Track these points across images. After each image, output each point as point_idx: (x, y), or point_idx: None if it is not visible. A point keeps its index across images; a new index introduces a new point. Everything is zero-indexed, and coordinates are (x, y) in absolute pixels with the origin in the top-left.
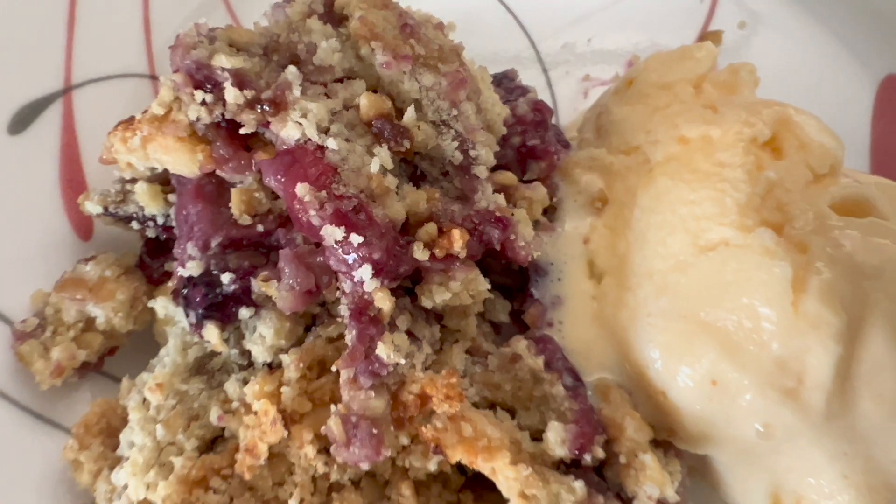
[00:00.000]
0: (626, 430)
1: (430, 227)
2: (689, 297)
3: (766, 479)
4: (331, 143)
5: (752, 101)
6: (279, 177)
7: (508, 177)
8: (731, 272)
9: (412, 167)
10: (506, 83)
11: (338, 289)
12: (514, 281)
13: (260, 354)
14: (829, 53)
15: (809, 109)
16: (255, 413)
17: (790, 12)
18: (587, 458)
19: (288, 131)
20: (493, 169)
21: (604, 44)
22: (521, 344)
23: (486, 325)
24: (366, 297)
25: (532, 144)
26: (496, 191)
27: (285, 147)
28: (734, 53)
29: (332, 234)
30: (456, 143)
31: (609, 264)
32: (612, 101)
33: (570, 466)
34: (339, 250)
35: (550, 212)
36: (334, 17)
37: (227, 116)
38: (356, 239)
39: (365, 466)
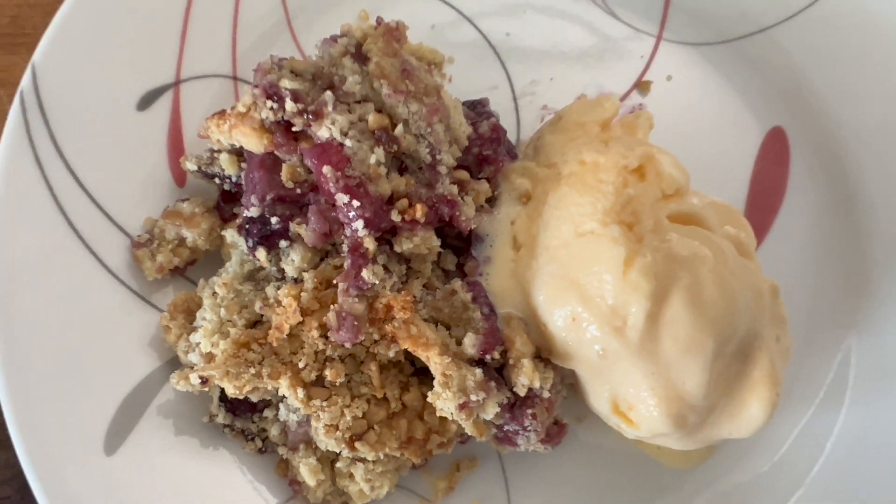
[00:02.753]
0: (516, 343)
1: (404, 202)
2: (566, 264)
3: (608, 388)
4: (347, 143)
5: (634, 141)
6: (313, 160)
7: (463, 174)
8: (592, 251)
9: (399, 162)
10: (478, 108)
11: (343, 234)
12: (462, 243)
13: (290, 272)
14: (729, 104)
15: (711, 148)
16: (283, 305)
17: (705, 70)
18: (488, 358)
19: (322, 132)
20: (456, 168)
21: (561, 83)
22: (458, 284)
23: (439, 271)
24: (359, 240)
25: (486, 154)
26: (453, 182)
27: (319, 142)
28: (660, 99)
29: (341, 198)
30: (428, 150)
31: (525, 240)
32: (546, 129)
33: (478, 363)
34: (345, 209)
35: (491, 201)
36: (361, 56)
37: (285, 118)
38: (355, 203)
39: (348, 345)
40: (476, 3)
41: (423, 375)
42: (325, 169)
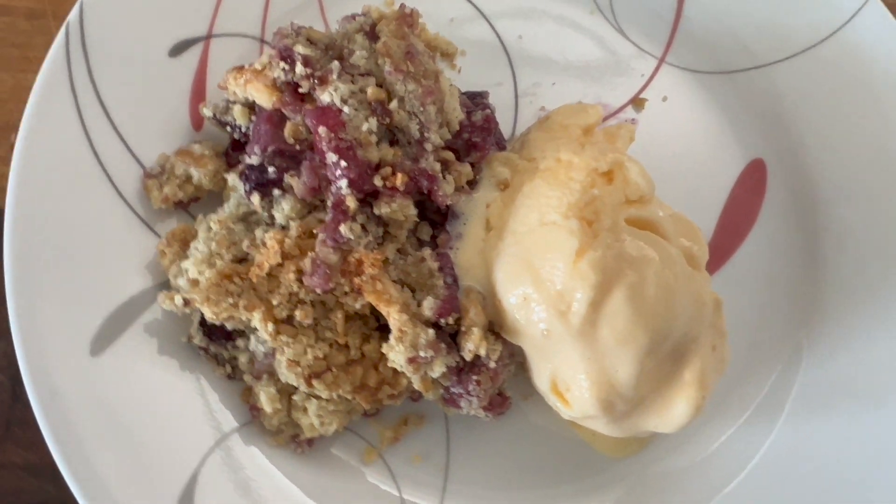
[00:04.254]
0: (470, 313)
1: (388, 170)
2: (527, 248)
3: (549, 367)
4: (346, 109)
5: (609, 148)
6: (313, 120)
7: (449, 155)
8: (550, 239)
9: (392, 134)
10: (477, 99)
11: (330, 191)
12: (440, 218)
13: (280, 219)
14: (717, 130)
15: (693, 169)
16: (267, 247)
17: (700, 95)
18: (443, 322)
19: (324, 96)
20: (444, 148)
21: (562, 89)
22: (428, 252)
23: (414, 239)
24: (342, 197)
25: (475, 141)
26: (438, 160)
27: (321, 105)
28: (653, 117)
29: (331, 157)
30: (418, 127)
31: (496, 223)
32: (534, 126)
33: (433, 326)
34: (333, 168)
35: (472, 183)
36: (373, 34)
37: (294, 80)
38: (343, 163)
39: (319, 291)
40: (496, 4)
41: (384, 331)
42: (321, 129)
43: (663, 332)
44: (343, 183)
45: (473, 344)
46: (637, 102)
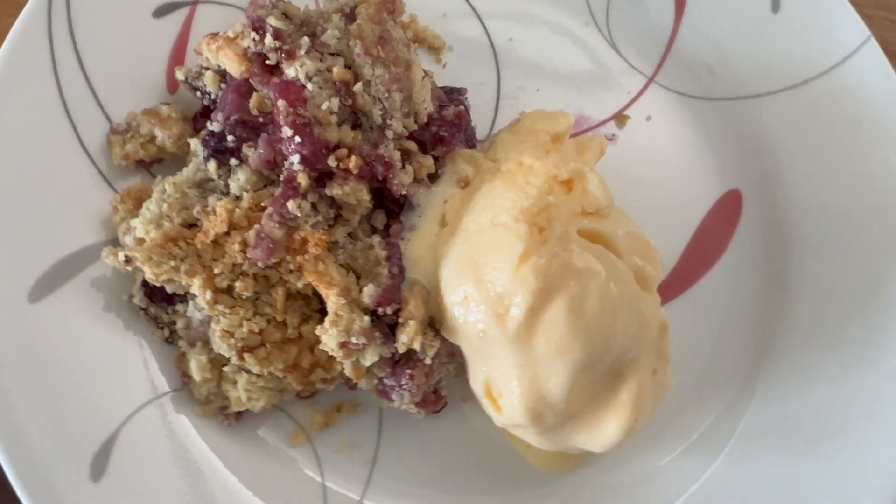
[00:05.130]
0: (410, 305)
1: (344, 151)
2: (475, 248)
3: (485, 370)
4: (309, 86)
5: (572, 157)
6: (275, 93)
7: (411, 145)
8: (498, 241)
9: (356, 118)
10: (454, 94)
11: (284, 167)
12: (397, 208)
13: (234, 188)
14: (697, 156)
15: (667, 192)
16: (216, 214)
17: (684, 119)
18: (381, 310)
19: (289, 71)
20: (408, 138)
21: (545, 96)
22: (377, 240)
23: (367, 225)
24: (293, 173)
25: (442, 135)
26: (399, 149)
27: (286, 79)
28: (634, 135)
29: (286, 132)
30: (381, 113)
31: (452, 220)
32: (504, 129)
33: (372, 314)
34: (288, 142)
35: (434, 177)
36: (351, 16)
37: (263, 51)
38: (297, 139)
39: (260, 265)
40: (490, 4)
41: (325, 314)
42: (280, 103)
43: (601, 349)
44: (295, 158)
45: (408, 336)
46: (620, 119)
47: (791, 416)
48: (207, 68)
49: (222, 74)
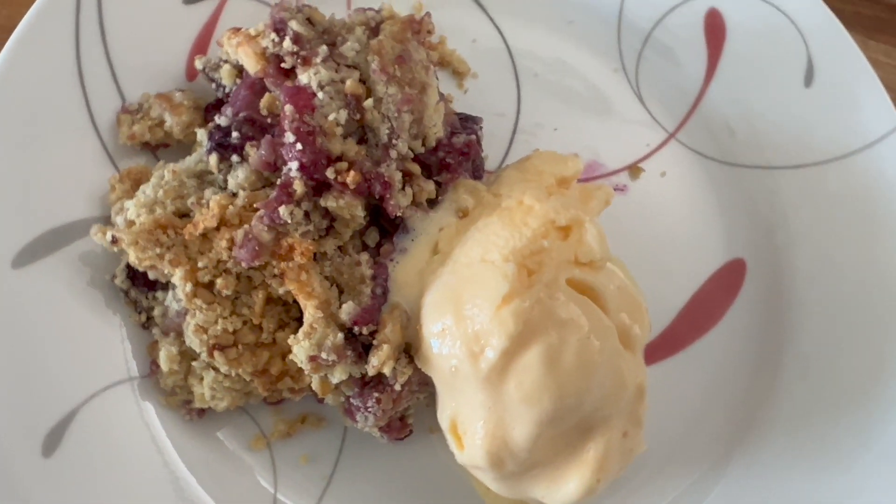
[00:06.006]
0: (386, 328)
1: (344, 165)
2: (461, 281)
3: (453, 406)
4: (320, 95)
5: (575, 203)
6: (285, 97)
7: (415, 167)
8: (484, 278)
9: (363, 132)
10: (468, 123)
11: (283, 171)
12: (393, 228)
13: (231, 185)
14: (706, 220)
15: (671, 251)
16: (209, 208)
17: (699, 180)
18: (357, 329)
19: (303, 77)
20: (414, 160)
21: (562, 136)
22: (365, 258)
23: (359, 241)
24: (290, 179)
25: (448, 162)
26: (402, 170)
27: (298, 84)
28: (645, 189)
29: (289, 137)
30: (388, 131)
31: (445, 248)
32: (512, 164)
33: (348, 332)
34: (289, 148)
35: (433, 203)
36: (376, 31)
37: (280, 53)
38: (298, 146)
39: (244, 265)
40: (522, 38)
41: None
42: (288, 107)
43: (572, 403)
44: (294, 165)
45: (378, 360)
46: (634, 170)
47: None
48: (226, 61)
49: (239, 70)
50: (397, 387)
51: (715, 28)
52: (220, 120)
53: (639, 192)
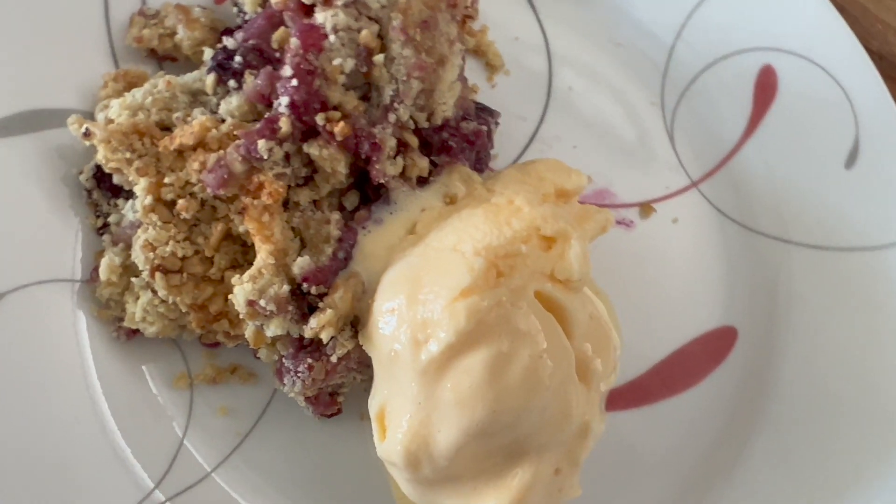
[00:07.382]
0: (336, 293)
1: (335, 114)
2: (425, 264)
3: (385, 393)
4: (332, 37)
5: (569, 218)
6: (295, 32)
7: (413, 139)
8: (449, 266)
9: (368, 88)
10: (485, 113)
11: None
12: (375, 196)
13: (223, 111)
14: (709, 277)
15: (663, 299)
16: (190, 125)
17: (710, 236)
18: (306, 287)
19: (319, 17)
20: (414, 132)
21: (579, 155)
22: (337, 217)
23: (336, 200)
24: (278, 114)
25: (450, 145)
26: (397, 137)
27: (312, 23)
28: (653, 230)
29: (286, 71)
30: (392, 94)
31: (421, 231)
32: (515, 165)
33: (297, 287)
34: (284, 82)
35: (424, 182)
36: None
37: None
38: (294, 82)
39: (209, 191)
40: (565, 48)
41: None
42: (293, 41)
43: (507, 420)
44: (284, 101)
45: (318, 323)
46: (646, 208)
47: None
48: None
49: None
50: (333, 358)
51: (766, 86)
52: (228, 42)
53: (645, 232)
